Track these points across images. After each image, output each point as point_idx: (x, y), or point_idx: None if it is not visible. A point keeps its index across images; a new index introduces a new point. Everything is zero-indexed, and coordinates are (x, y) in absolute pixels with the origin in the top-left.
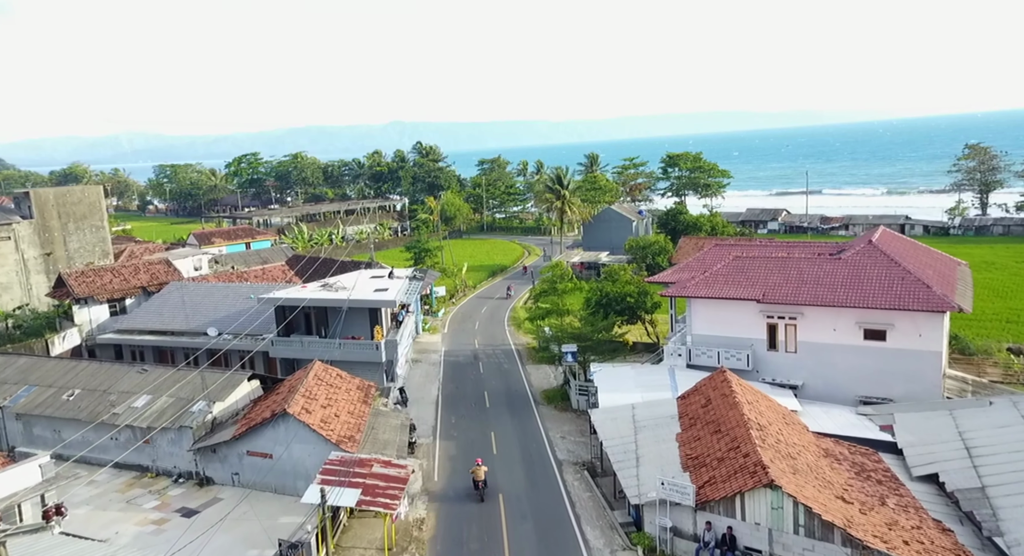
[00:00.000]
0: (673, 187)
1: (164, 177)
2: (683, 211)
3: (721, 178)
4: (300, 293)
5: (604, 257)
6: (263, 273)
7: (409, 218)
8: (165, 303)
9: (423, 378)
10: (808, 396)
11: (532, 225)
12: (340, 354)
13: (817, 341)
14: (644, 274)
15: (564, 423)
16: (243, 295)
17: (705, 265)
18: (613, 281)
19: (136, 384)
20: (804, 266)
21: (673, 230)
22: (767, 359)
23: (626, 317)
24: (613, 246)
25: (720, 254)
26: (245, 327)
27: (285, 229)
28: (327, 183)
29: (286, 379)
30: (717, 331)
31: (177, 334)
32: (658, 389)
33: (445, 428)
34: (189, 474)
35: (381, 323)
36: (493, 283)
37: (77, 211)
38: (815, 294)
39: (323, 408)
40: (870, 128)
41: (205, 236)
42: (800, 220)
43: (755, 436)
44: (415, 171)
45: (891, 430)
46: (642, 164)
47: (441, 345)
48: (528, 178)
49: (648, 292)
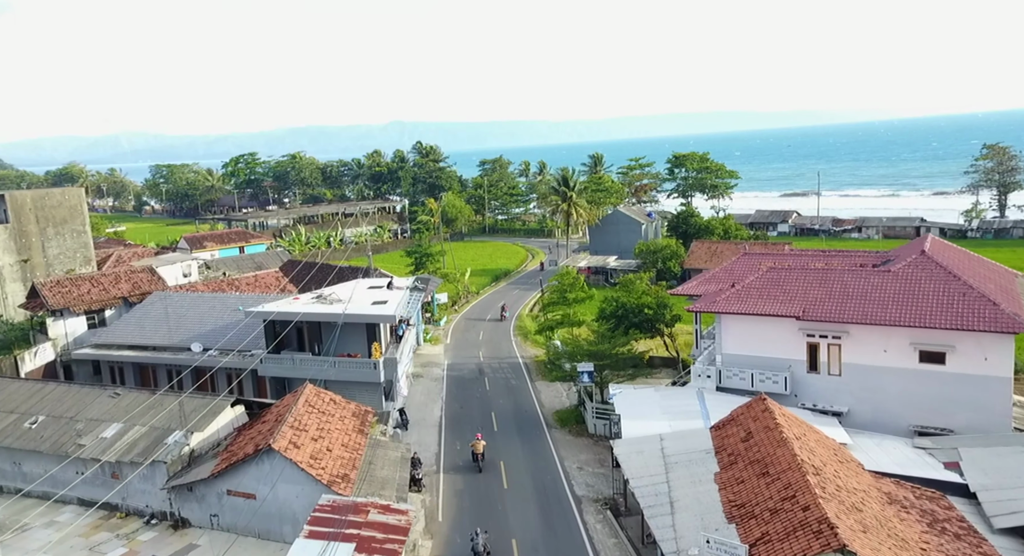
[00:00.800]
0: (679, 188)
1: (160, 177)
2: (694, 214)
3: (728, 179)
4: (292, 307)
5: (612, 261)
6: (256, 280)
7: (409, 220)
8: (147, 315)
9: (425, 396)
10: (854, 424)
11: (535, 227)
12: (335, 373)
13: (865, 363)
14: (663, 285)
15: (580, 451)
16: (231, 306)
17: (734, 276)
18: (629, 291)
19: (107, 410)
20: (848, 279)
21: (684, 233)
22: (807, 382)
23: (644, 331)
24: (621, 250)
25: (750, 264)
26: (233, 342)
27: (282, 231)
28: (326, 184)
29: (274, 405)
30: (750, 350)
31: (159, 349)
32: (687, 416)
33: (449, 456)
34: (163, 515)
35: (379, 339)
36: (496, 289)
37: (57, 215)
38: (863, 311)
39: (314, 441)
40: (870, 128)
41: (197, 240)
42: (811, 222)
43: (813, 483)
44: (415, 172)
45: (958, 468)
46: (648, 164)
47: (444, 358)
48: (530, 179)
49: (667, 303)
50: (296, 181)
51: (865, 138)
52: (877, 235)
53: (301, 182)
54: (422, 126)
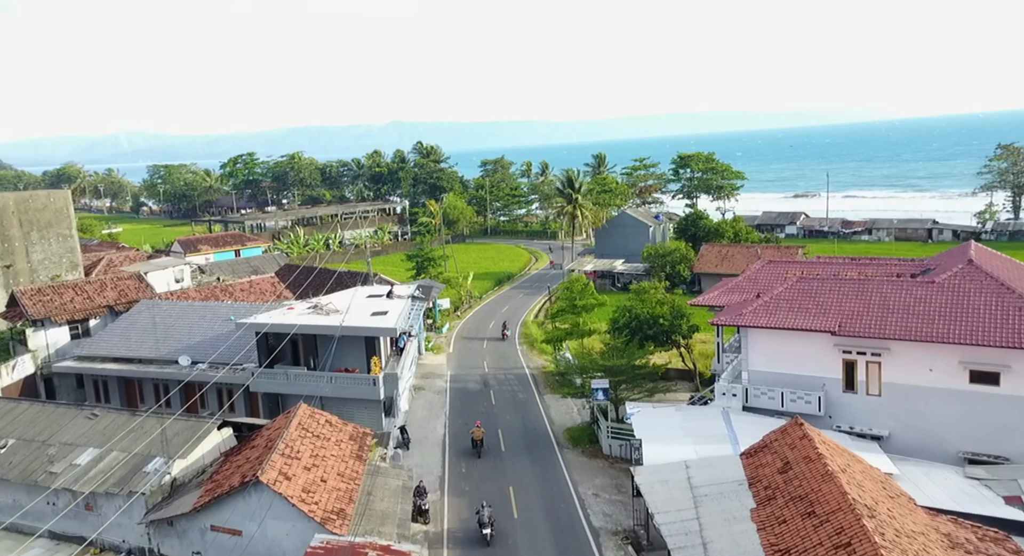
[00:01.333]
0: (685, 189)
1: (158, 178)
2: (703, 216)
3: (735, 179)
4: (285, 318)
5: (619, 265)
6: (250, 286)
7: (410, 222)
8: (133, 325)
9: (427, 411)
10: (896, 450)
11: (538, 228)
12: (331, 389)
13: (907, 383)
14: (678, 293)
15: (595, 474)
16: (222, 316)
17: (758, 285)
18: (642, 300)
19: (82, 434)
20: (889, 291)
21: (693, 236)
22: (843, 403)
23: (659, 343)
24: (628, 253)
25: (775, 273)
26: (224, 355)
27: (280, 234)
28: (325, 184)
29: (265, 427)
30: (780, 367)
31: (146, 362)
32: (713, 440)
33: (454, 480)
34: (141, 551)
35: (379, 353)
36: (500, 293)
37: (41, 218)
38: (905, 326)
39: (306, 470)
40: (870, 128)
41: (191, 243)
42: (820, 224)
43: (871, 528)
44: (416, 172)
45: (1020, 503)
46: (653, 165)
47: (447, 368)
48: (532, 179)
49: (684, 313)
50: (295, 182)
51: (866, 138)
52: (888, 237)
53: (300, 183)
54: (422, 126)
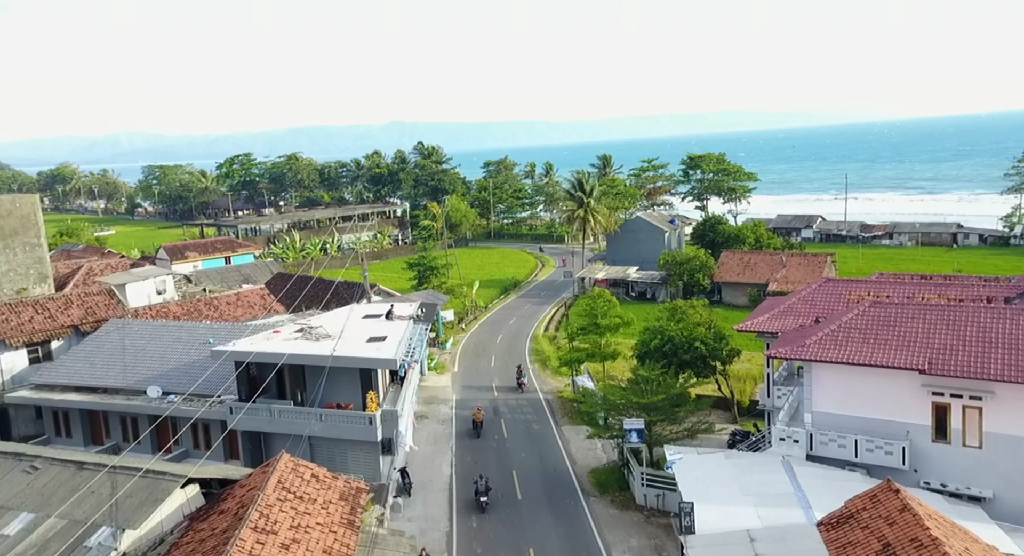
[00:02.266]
0: (694, 191)
1: (153, 179)
2: (722, 220)
3: (747, 181)
4: (269, 344)
5: (633, 273)
6: (238, 299)
7: (411, 225)
8: (100, 348)
9: (431, 446)
10: (1003, 515)
11: (543, 232)
12: (321, 428)
13: (1017, 433)
14: (716, 312)
15: (629, 531)
16: (200, 338)
17: (815, 308)
18: (677, 319)
19: (17, 493)
20: (988, 320)
21: (712, 242)
22: (932, 455)
23: (697, 371)
24: (642, 260)
25: (836, 293)
26: (203, 385)
27: (275, 238)
28: (323, 185)
29: (238, 483)
30: (852, 410)
31: (112, 392)
32: (777, 500)
33: (463, 539)
34: None
35: (376, 387)
36: (506, 302)
37: (6, 226)
38: (1015, 364)
39: (284, 549)
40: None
41: (178, 250)
42: (838, 228)
43: None
44: (416, 173)
45: None
46: (662, 166)
47: (452, 391)
48: (536, 181)
49: (724, 335)
50: (293, 183)
51: (868, 139)
52: (910, 242)
53: (298, 184)
54: (422, 126)
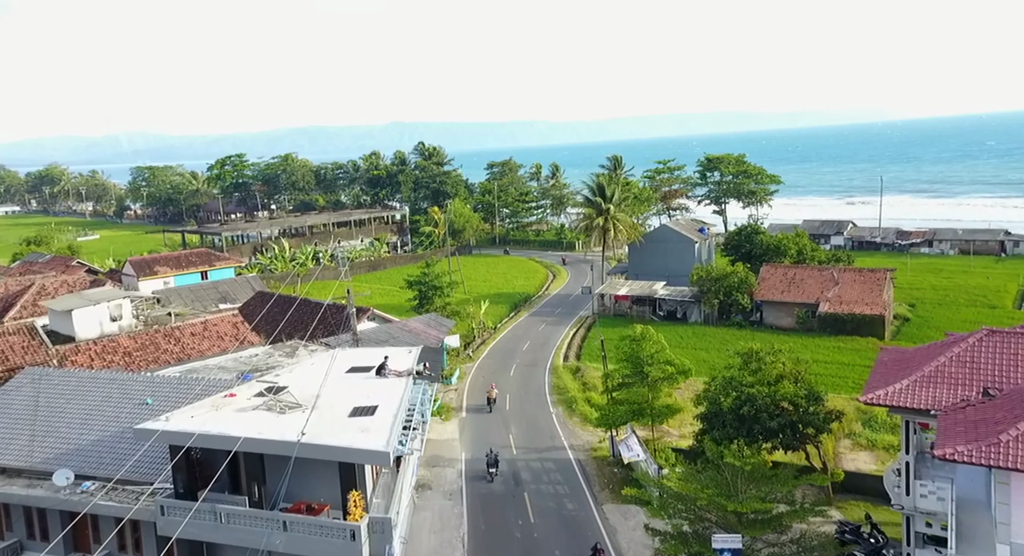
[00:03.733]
0: (712, 194)
1: (142, 180)
2: (759, 229)
3: (769, 184)
4: (218, 420)
5: (660, 289)
6: (205, 329)
7: (411, 231)
8: (6, 410)
9: (436, 535)
10: None
11: (551, 238)
12: (284, 543)
13: None
14: (805, 365)
15: None
16: (136, 395)
17: (982, 373)
18: (753, 369)
19: None
20: None
21: (748, 255)
22: None
23: (785, 440)
24: (670, 273)
25: (1008, 350)
26: (134, 468)
27: (263, 246)
28: (319, 188)
29: None
30: None
31: (12, 474)
32: None
33: None
34: None
35: (362, 481)
36: (518, 322)
37: None
38: None
39: None
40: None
41: (146, 264)
42: (871, 234)
43: None
44: (417, 175)
45: None
46: (679, 167)
47: (460, 446)
48: (542, 183)
49: (819, 395)
50: (287, 185)
51: (871, 139)
52: (952, 250)
53: (292, 186)
54: (421, 126)
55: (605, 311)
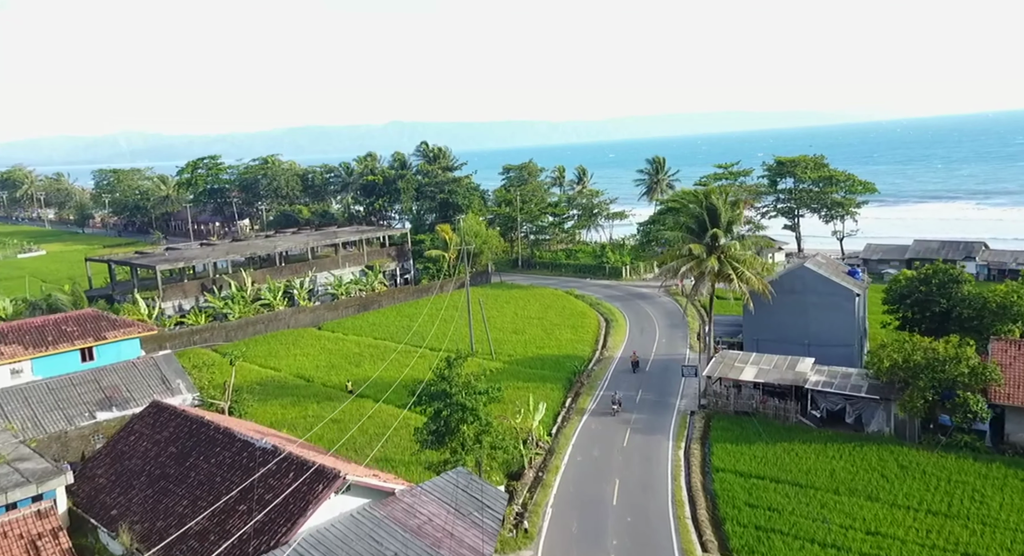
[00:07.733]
0: (782, 204)
1: (106, 184)
2: (959, 277)
3: (860, 192)
4: None
5: (812, 373)
6: None
7: (413, 255)
8: None
9: None
10: None
11: (589, 262)
12: None
13: None
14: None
15: None
16: None
17: None
18: None
19: None
20: None
21: (942, 316)
22: None
23: None
24: (813, 341)
25: None
26: None
27: (215, 281)
28: (307, 194)
29: None
30: None
31: None
32: None
33: None
34: None
35: None
36: (580, 426)
37: None
38: None
39: None
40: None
41: None
42: (1016, 260)
43: None
44: (419, 181)
45: None
46: (745, 173)
47: None
48: (566, 189)
49: None
50: (268, 192)
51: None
52: None
53: (275, 193)
54: (421, 126)
55: (717, 401)
